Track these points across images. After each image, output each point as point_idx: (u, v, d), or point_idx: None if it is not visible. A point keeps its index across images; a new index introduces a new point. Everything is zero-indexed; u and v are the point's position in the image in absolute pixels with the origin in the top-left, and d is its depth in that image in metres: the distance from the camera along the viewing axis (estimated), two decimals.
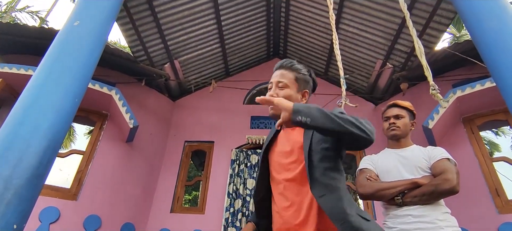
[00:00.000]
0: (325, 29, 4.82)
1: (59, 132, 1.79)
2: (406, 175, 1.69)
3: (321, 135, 1.15)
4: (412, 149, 1.82)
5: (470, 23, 2.18)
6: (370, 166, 1.86)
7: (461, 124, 3.78)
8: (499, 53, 1.94)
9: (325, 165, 1.12)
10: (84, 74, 2.01)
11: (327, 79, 5.50)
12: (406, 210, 1.61)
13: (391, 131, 1.87)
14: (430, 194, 1.56)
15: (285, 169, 1.22)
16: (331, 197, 1.06)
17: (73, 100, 1.89)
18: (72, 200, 3.53)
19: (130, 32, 4.16)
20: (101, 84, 3.80)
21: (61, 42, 2.01)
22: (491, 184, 3.33)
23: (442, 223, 1.52)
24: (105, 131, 4.08)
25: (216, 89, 4.86)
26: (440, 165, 1.64)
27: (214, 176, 4.62)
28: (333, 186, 1.09)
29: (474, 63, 3.55)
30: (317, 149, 1.15)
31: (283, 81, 1.32)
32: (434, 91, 1.73)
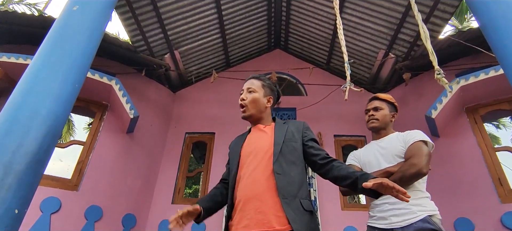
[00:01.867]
0: (327, 19, 4.77)
1: (59, 117, 1.76)
2: (384, 164, 1.76)
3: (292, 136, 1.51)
4: (390, 137, 1.86)
5: (478, 8, 2.14)
6: (353, 161, 1.96)
7: (464, 114, 3.75)
8: (508, 39, 1.90)
9: (289, 157, 1.42)
10: (83, 60, 1.97)
11: (328, 69, 5.45)
12: (383, 198, 1.65)
13: (370, 123, 1.95)
14: (399, 180, 1.58)
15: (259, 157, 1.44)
16: (285, 178, 1.34)
17: (73, 86, 1.86)
18: (73, 190, 3.51)
19: (130, 21, 4.11)
20: (101, 74, 3.75)
21: (60, 27, 1.97)
22: (494, 173, 3.32)
23: (415, 207, 1.56)
24: (105, 122, 4.05)
25: (216, 80, 4.81)
26: (409, 149, 1.69)
27: (215, 167, 4.60)
28: (289, 173, 1.37)
29: (478, 52, 3.52)
30: (287, 144, 1.47)
31: (252, 87, 1.64)
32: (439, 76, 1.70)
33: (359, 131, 4.79)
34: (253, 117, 1.62)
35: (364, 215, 4.05)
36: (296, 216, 1.24)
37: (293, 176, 1.38)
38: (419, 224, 1.52)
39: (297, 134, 1.54)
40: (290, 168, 1.39)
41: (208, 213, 1.49)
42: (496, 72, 3.29)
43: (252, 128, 1.65)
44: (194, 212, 1.40)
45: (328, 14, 4.66)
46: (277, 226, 1.23)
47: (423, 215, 1.54)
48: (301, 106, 4.99)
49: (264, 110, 1.64)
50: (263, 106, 1.63)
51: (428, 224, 1.51)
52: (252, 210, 1.29)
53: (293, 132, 1.54)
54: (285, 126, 1.58)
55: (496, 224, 3.10)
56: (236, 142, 1.68)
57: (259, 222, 1.26)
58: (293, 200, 1.29)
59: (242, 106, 1.61)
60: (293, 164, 1.42)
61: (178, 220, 1.36)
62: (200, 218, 1.46)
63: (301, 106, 5.00)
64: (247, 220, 1.29)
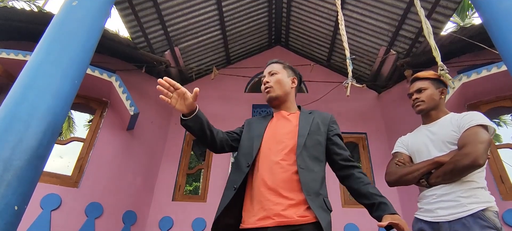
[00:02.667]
0: (327, 16, 4.74)
1: (59, 114, 1.74)
2: (434, 153, 1.56)
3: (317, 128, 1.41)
4: (442, 121, 1.65)
5: (481, 4, 2.12)
6: (401, 149, 1.77)
7: (466, 111, 3.72)
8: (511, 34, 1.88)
9: (313, 151, 1.34)
10: (83, 56, 1.95)
11: (329, 66, 5.43)
12: (432, 189, 1.51)
13: (416, 107, 1.75)
14: (451, 172, 1.42)
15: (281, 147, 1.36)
16: (309, 174, 1.26)
17: (72, 82, 1.84)
18: (73, 187, 3.50)
19: (130, 18, 4.09)
20: (101, 71, 3.74)
21: (59, 22, 1.95)
22: (496, 170, 3.31)
23: (466, 200, 1.39)
24: (106, 119, 4.04)
25: (217, 77, 4.80)
26: (463, 137, 1.47)
27: (216, 164, 4.60)
28: (313, 169, 1.29)
29: (480, 49, 3.50)
30: (312, 137, 1.37)
31: (274, 70, 1.56)
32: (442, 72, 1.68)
33: (360, 128, 4.78)
34: (279, 98, 1.52)
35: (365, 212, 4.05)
36: (321, 214, 1.17)
37: (316, 172, 1.30)
38: (468, 220, 1.35)
39: (322, 127, 1.44)
40: (313, 164, 1.31)
41: (198, 124, 1.35)
42: (498, 69, 3.27)
43: (275, 114, 1.55)
44: (188, 96, 1.30)
45: (329, 11, 4.63)
46: (301, 217, 1.17)
47: (474, 209, 1.36)
48: (301, 104, 4.94)
49: (290, 92, 1.56)
50: (288, 87, 1.55)
51: (480, 220, 1.33)
52: (270, 202, 1.21)
53: (319, 124, 1.44)
54: (311, 116, 1.47)
55: None
56: (258, 123, 1.54)
57: (278, 215, 1.18)
58: (316, 198, 1.22)
59: (267, 88, 1.52)
60: (316, 160, 1.34)
61: (170, 88, 1.28)
62: (190, 116, 1.32)
63: (301, 103, 4.91)
64: (264, 212, 1.21)
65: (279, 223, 1.16)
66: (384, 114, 4.83)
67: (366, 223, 3.88)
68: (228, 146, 1.50)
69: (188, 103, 1.31)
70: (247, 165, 1.34)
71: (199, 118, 1.35)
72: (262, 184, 1.26)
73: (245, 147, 1.45)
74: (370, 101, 5.06)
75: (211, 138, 1.41)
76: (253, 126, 1.54)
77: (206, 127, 1.38)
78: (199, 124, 1.35)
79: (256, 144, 1.40)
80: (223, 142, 1.47)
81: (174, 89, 1.31)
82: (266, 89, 1.52)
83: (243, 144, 1.49)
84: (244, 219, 1.30)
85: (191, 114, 1.33)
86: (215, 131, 1.43)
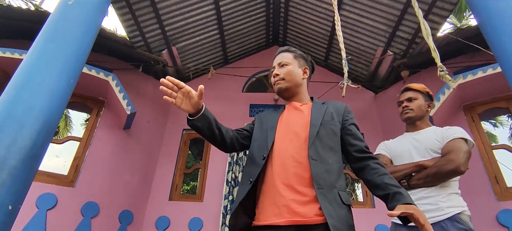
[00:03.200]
0: (325, 16, 4.75)
1: (54, 113, 1.74)
2: (417, 158, 1.67)
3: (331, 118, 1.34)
4: (426, 130, 1.78)
5: (476, 6, 2.13)
6: (383, 152, 1.86)
7: (462, 112, 3.75)
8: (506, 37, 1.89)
9: (327, 141, 1.26)
10: (79, 55, 1.95)
11: (326, 66, 5.44)
12: (411, 192, 1.59)
13: (404, 114, 1.85)
14: (433, 176, 1.53)
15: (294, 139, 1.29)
16: (322, 165, 1.18)
17: (68, 81, 1.84)
18: (69, 186, 3.49)
19: (127, 17, 4.08)
20: (98, 70, 3.73)
21: (55, 21, 1.94)
22: (491, 171, 3.33)
23: (444, 204, 1.50)
24: (102, 118, 4.03)
25: (214, 76, 4.79)
26: (448, 145, 1.60)
27: (213, 164, 4.60)
28: (327, 160, 1.21)
29: (475, 51, 3.51)
30: (326, 126, 1.29)
31: (284, 61, 1.47)
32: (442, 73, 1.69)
33: None
34: (289, 90, 1.44)
35: (360, 212, 4.06)
36: (333, 209, 1.09)
37: (331, 163, 1.21)
38: (446, 223, 1.45)
39: (337, 116, 1.37)
40: (327, 154, 1.22)
41: (206, 123, 1.29)
42: (494, 70, 3.29)
43: (287, 106, 1.47)
44: (193, 94, 1.24)
45: (326, 11, 4.64)
46: (314, 216, 1.09)
47: (452, 212, 1.47)
48: None
49: (301, 83, 1.47)
50: (299, 78, 1.46)
51: (457, 223, 1.44)
52: (283, 197, 1.14)
53: (333, 113, 1.37)
54: (324, 106, 1.41)
55: (492, 221, 3.11)
56: (270, 115, 1.47)
57: (291, 212, 1.11)
58: (330, 191, 1.13)
59: (277, 79, 1.44)
60: (331, 150, 1.25)
61: (173, 88, 1.24)
62: (197, 116, 1.27)
63: None
64: (277, 209, 1.14)
65: (292, 222, 1.09)
66: (381, 114, 4.85)
67: (363, 223, 3.89)
68: (239, 144, 1.44)
69: (194, 102, 1.26)
70: (262, 157, 1.27)
71: (206, 117, 1.29)
72: (276, 178, 1.20)
73: (259, 140, 1.38)
74: (367, 101, 5.07)
75: (221, 137, 1.35)
76: (265, 119, 1.47)
77: (215, 126, 1.32)
78: (208, 123, 1.29)
79: (271, 136, 1.33)
80: (233, 140, 1.41)
81: (178, 88, 1.26)
82: (276, 81, 1.44)
83: (256, 137, 1.42)
84: (256, 216, 1.23)
85: (198, 114, 1.27)
86: (224, 129, 1.37)
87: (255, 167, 1.27)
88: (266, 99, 5.18)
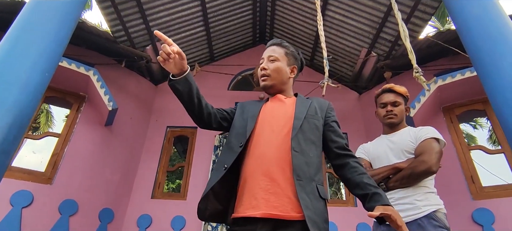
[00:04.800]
0: (311, 17, 4.78)
1: (27, 107, 1.67)
2: (393, 160, 1.72)
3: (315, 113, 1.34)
4: (401, 132, 1.82)
5: (454, 10, 2.19)
6: (362, 155, 1.90)
7: (441, 113, 3.86)
8: (480, 40, 1.95)
9: (309, 135, 1.25)
10: (55, 47, 1.88)
11: (312, 66, 5.48)
12: (389, 193, 1.64)
13: (388, 118, 1.85)
14: (408, 177, 1.59)
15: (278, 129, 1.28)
16: (303, 157, 1.17)
17: (42, 75, 1.77)
18: (47, 183, 3.39)
19: (109, 10, 3.98)
20: (78, 64, 3.62)
21: (30, 11, 1.87)
22: (467, 171, 3.44)
23: (420, 202, 1.55)
24: (83, 113, 3.92)
25: (200, 74, 4.74)
26: (420, 146, 1.65)
27: (197, 162, 4.56)
28: (308, 153, 1.20)
29: (456, 54, 3.61)
30: (309, 120, 1.29)
31: (274, 55, 1.43)
32: (417, 74, 1.73)
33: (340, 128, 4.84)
34: (274, 87, 1.42)
35: (344, 210, 4.12)
36: (310, 202, 1.08)
37: (312, 157, 1.20)
38: (423, 221, 1.50)
39: (320, 112, 1.37)
40: (309, 147, 1.21)
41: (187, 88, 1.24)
42: (471, 73, 3.39)
43: (271, 98, 1.45)
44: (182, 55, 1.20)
45: (312, 11, 4.67)
46: (291, 212, 1.08)
47: (428, 210, 1.52)
48: None
49: (287, 82, 1.45)
50: (286, 77, 1.44)
51: (433, 221, 1.49)
52: (262, 189, 1.12)
53: (317, 109, 1.37)
54: (309, 101, 1.40)
55: (468, 219, 3.21)
56: (253, 104, 1.45)
57: (269, 204, 1.09)
58: (309, 184, 1.13)
59: (264, 75, 1.41)
60: (312, 144, 1.24)
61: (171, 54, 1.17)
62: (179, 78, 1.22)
63: None
64: (255, 201, 1.11)
65: (269, 215, 1.07)
66: (364, 115, 4.92)
67: (345, 222, 3.95)
68: (216, 122, 1.39)
69: (177, 62, 1.20)
70: (239, 145, 1.25)
71: (188, 82, 1.24)
72: (255, 169, 1.18)
73: (238, 127, 1.35)
74: (351, 101, 5.14)
75: (199, 107, 1.30)
76: (247, 108, 1.44)
77: (195, 94, 1.27)
78: (188, 88, 1.24)
79: (251, 124, 1.30)
80: (211, 116, 1.35)
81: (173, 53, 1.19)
82: (262, 76, 1.41)
83: (235, 124, 1.39)
84: (236, 208, 1.19)
85: (180, 76, 1.23)
86: (204, 102, 1.32)
87: (231, 154, 1.25)
88: (251, 97, 5.17)
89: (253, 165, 1.19)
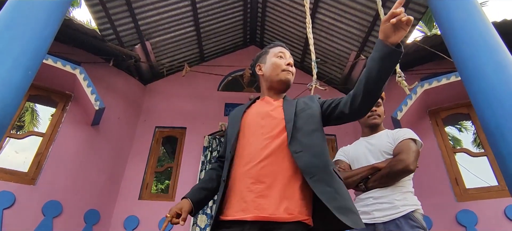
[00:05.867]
0: (301, 19, 4.80)
1: (8, 106, 1.63)
2: (372, 161, 1.74)
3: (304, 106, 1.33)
4: (380, 134, 1.85)
5: (439, 15, 2.24)
6: (342, 157, 1.92)
7: (427, 116, 3.93)
8: (464, 46, 2.00)
9: (306, 127, 1.23)
10: (39, 44, 1.84)
11: (302, 68, 5.51)
12: (368, 193, 1.67)
13: (373, 119, 1.87)
14: (387, 176, 1.61)
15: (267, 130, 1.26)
16: (307, 154, 1.14)
17: (25, 73, 1.73)
18: (30, 184, 3.30)
19: (97, 8, 3.91)
20: (64, 62, 3.55)
21: (13, 7, 1.82)
22: (452, 173, 3.51)
23: (399, 202, 1.57)
24: (68, 113, 3.84)
25: (190, 74, 4.71)
26: (398, 146, 1.68)
27: (186, 163, 4.52)
28: (310, 145, 1.18)
29: (442, 58, 3.69)
30: (300, 115, 1.28)
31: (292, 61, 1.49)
32: (400, 79, 1.76)
33: (330, 130, 4.88)
34: (288, 87, 1.46)
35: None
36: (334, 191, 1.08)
37: (317, 144, 1.20)
38: (401, 221, 1.52)
39: (311, 102, 1.37)
40: (310, 138, 1.20)
41: (202, 203, 1.37)
42: (456, 78, 3.46)
43: (258, 100, 1.47)
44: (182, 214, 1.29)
45: (303, 13, 4.69)
46: (283, 213, 1.06)
47: (406, 210, 1.54)
48: None
49: None
50: None
51: (410, 221, 1.52)
52: (251, 192, 1.11)
53: (306, 102, 1.38)
54: (294, 101, 1.40)
55: (452, 221, 3.28)
56: (239, 110, 1.47)
57: (259, 207, 1.07)
58: (325, 171, 1.13)
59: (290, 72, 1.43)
60: (313, 132, 1.23)
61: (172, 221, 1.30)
62: (193, 212, 1.33)
63: None
64: (245, 204, 1.10)
65: (259, 217, 1.06)
66: None
67: None
68: None
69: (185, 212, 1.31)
70: (230, 152, 1.27)
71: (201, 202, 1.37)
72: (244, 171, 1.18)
73: (230, 137, 1.37)
74: None
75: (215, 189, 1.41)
76: (233, 118, 1.46)
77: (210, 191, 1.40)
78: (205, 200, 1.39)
79: (235, 132, 1.32)
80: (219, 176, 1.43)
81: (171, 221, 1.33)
82: (290, 72, 1.43)
83: (228, 136, 1.42)
84: (224, 211, 1.18)
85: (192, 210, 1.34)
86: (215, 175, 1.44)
87: (226, 164, 1.27)
88: (241, 98, 5.16)
89: (242, 168, 1.19)
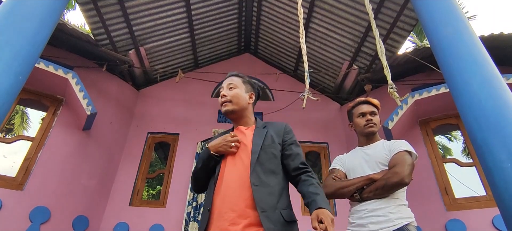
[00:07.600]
0: (295, 28, 4.86)
1: None
2: (368, 171, 1.75)
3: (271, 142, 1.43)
4: (376, 144, 1.87)
5: (429, 29, 2.28)
6: (338, 166, 1.94)
7: (418, 126, 3.99)
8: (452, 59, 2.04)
9: (268, 165, 1.36)
10: (31, 49, 1.82)
11: (295, 76, 5.56)
12: (363, 204, 1.67)
13: (369, 127, 1.89)
14: (382, 188, 1.62)
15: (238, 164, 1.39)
16: (264, 189, 1.27)
17: (16, 78, 1.71)
18: (18, 189, 3.24)
19: (91, 13, 3.91)
20: (56, 66, 3.52)
21: (5, 11, 1.81)
22: (441, 183, 3.56)
23: (393, 215, 1.58)
24: (59, 117, 3.80)
25: (183, 80, 4.72)
26: (394, 158, 1.69)
27: (178, 169, 4.49)
28: (268, 184, 1.30)
29: (432, 69, 3.77)
30: (266, 150, 1.40)
31: (233, 83, 1.58)
32: (391, 90, 1.79)
33: (322, 138, 4.92)
34: (235, 112, 1.54)
35: None
36: (276, 229, 1.18)
37: (273, 186, 1.30)
38: None
39: (277, 138, 1.47)
40: (269, 178, 1.32)
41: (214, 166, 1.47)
42: (446, 89, 3.54)
43: (235, 130, 1.58)
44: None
45: (297, 23, 4.75)
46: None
47: (400, 223, 1.55)
48: (268, 111, 5.04)
49: (247, 107, 1.58)
50: (245, 102, 1.56)
51: None
52: (227, 221, 1.23)
53: (273, 136, 1.47)
54: (265, 130, 1.50)
55: (441, 230, 3.31)
56: None
57: None
58: (273, 212, 1.23)
59: (225, 101, 1.53)
60: (272, 173, 1.35)
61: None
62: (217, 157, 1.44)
63: (267, 111, 5.04)
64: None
65: None
66: (345, 125, 5.02)
67: None
68: None
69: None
70: (214, 183, 1.38)
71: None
72: (222, 203, 1.29)
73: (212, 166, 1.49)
74: (332, 112, 5.24)
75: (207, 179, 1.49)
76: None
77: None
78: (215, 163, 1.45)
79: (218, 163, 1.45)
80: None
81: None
82: (223, 103, 1.54)
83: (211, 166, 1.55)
84: None
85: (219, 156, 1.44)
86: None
87: (209, 194, 1.38)
88: None
89: (220, 200, 1.30)
